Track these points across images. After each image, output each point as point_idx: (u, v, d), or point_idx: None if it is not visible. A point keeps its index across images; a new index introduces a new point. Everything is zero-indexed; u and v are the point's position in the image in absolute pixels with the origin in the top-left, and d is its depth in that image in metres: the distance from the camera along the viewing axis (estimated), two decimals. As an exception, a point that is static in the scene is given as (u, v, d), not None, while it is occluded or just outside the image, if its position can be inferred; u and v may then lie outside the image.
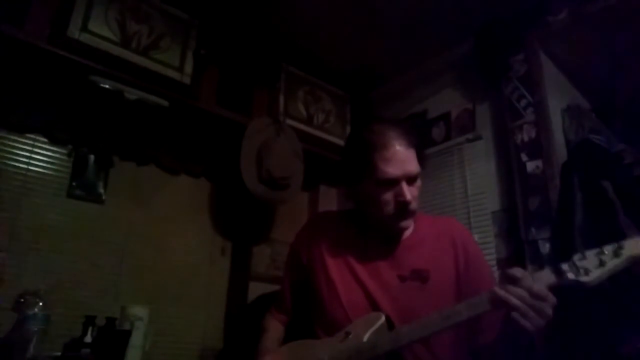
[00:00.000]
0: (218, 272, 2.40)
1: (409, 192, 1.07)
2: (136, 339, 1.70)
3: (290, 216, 2.64)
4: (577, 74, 2.32)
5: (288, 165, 2.32)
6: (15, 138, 1.93)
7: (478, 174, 2.24)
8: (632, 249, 0.84)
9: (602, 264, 0.84)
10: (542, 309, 0.85)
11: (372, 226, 1.18)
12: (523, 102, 2.11)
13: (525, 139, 2.06)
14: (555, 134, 2.06)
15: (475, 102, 2.37)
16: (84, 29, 1.90)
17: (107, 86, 1.95)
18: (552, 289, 0.87)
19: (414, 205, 1.10)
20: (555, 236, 1.82)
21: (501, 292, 0.88)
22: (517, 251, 1.95)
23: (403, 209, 1.09)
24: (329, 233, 1.25)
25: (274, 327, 1.29)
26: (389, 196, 1.08)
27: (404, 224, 1.12)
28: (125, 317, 1.73)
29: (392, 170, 1.07)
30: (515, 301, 0.86)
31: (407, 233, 1.19)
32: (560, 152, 2.03)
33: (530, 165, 2.00)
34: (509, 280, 0.89)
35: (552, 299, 0.86)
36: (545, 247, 1.84)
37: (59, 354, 1.65)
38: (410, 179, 1.09)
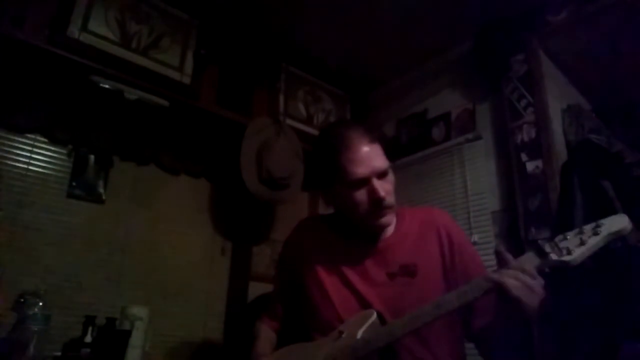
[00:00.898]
0: (218, 272, 2.40)
1: (382, 188, 1.07)
2: (136, 339, 1.70)
3: (290, 216, 2.63)
4: (577, 74, 2.32)
5: (288, 165, 2.32)
6: (15, 138, 1.93)
7: (478, 174, 2.24)
8: (609, 226, 0.87)
9: (582, 242, 0.87)
10: (535, 286, 0.88)
11: (355, 227, 1.18)
12: (523, 102, 2.11)
13: (525, 139, 2.06)
14: (555, 134, 2.06)
15: (475, 102, 2.37)
16: (84, 28, 1.90)
17: (107, 86, 1.95)
18: (539, 271, 0.90)
19: (389, 200, 1.09)
20: (555, 236, 1.82)
21: (495, 276, 0.90)
22: (517, 251, 1.94)
23: (378, 206, 1.08)
24: (316, 238, 1.25)
25: (266, 333, 1.29)
26: (362, 196, 1.08)
27: (383, 220, 1.11)
28: (125, 317, 1.74)
29: (360, 169, 1.07)
30: (510, 281, 0.88)
31: (390, 229, 1.18)
32: (560, 152, 2.03)
33: (530, 165, 2.00)
34: (500, 259, 0.93)
35: (540, 279, 0.89)
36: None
37: (59, 354, 1.65)
38: (380, 175, 1.09)
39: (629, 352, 1.48)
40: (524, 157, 2.04)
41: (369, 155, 1.08)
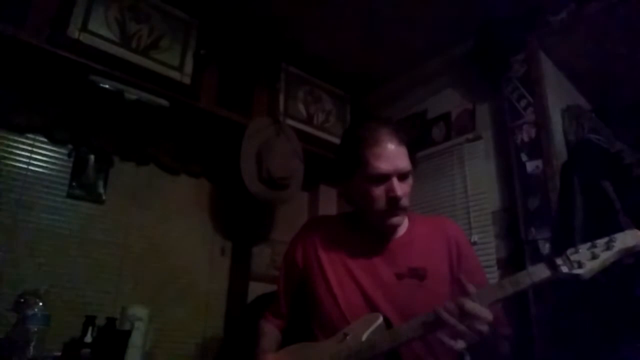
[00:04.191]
0: (218, 272, 2.40)
1: (400, 188, 1.09)
2: (136, 339, 1.70)
3: (290, 216, 2.64)
4: (577, 74, 2.32)
5: (288, 165, 2.32)
6: (15, 138, 1.93)
7: (478, 174, 2.24)
8: (623, 241, 0.86)
9: (594, 256, 0.86)
10: (473, 326, 0.88)
11: (366, 225, 1.19)
12: (523, 102, 2.11)
13: (525, 139, 2.06)
14: (555, 134, 2.06)
15: (475, 102, 2.37)
16: (84, 29, 1.90)
17: (107, 86, 1.95)
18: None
19: (404, 202, 1.11)
20: (555, 236, 1.82)
21: (438, 309, 0.92)
22: (517, 251, 1.95)
23: (394, 205, 1.10)
24: (323, 235, 1.26)
25: (271, 331, 1.28)
26: (380, 192, 1.10)
27: (395, 220, 1.13)
28: (125, 317, 1.74)
29: (384, 165, 1.09)
30: (446, 316, 0.90)
31: (402, 231, 1.20)
32: (560, 152, 2.03)
33: (530, 165, 2.00)
34: (463, 289, 0.93)
35: (486, 316, 0.89)
36: (545, 247, 1.84)
37: (59, 354, 1.65)
38: (401, 176, 1.11)
39: (628, 352, 1.48)
40: (524, 157, 2.04)
41: (395, 154, 1.10)
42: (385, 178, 1.09)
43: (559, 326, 1.67)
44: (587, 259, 0.86)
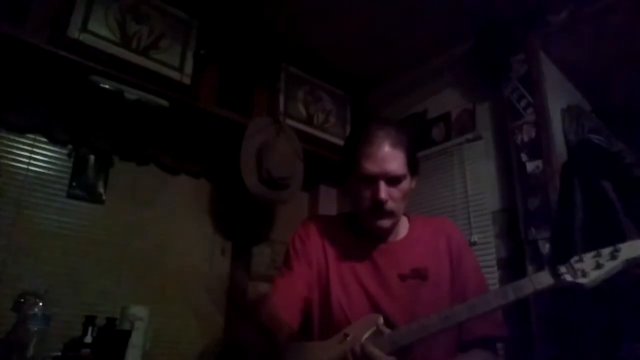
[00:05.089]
0: (218, 272, 2.40)
1: (385, 192, 1.08)
2: (136, 339, 1.70)
3: (290, 216, 2.64)
4: (577, 74, 2.32)
5: (288, 165, 2.32)
6: (15, 138, 1.93)
7: (478, 174, 2.24)
8: (628, 251, 0.86)
9: (599, 266, 0.86)
10: None
11: (363, 225, 1.19)
12: (523, 102, 2.11)
13: (525, 139, 2.06)
14: (555, 134, 2.06)
15: (475, 102, 2.37)
16: (84, 29, 1.90)
17: (107, 86, 1.95)
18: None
19: (390, 206, 1.10)
20: (555, 236, 1.82)
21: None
22: (517, 251, 1.95)
23: (378, 208, 1.09)
24: (327, 234, 1.25)
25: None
26: (367, 193, 1.10)
27: (380, 223, 1.12)
28: (125, 317, 1.74)
29: (370, 166, 1.08)
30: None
31: (403, 232, 1.20)
32: (560, 152, 2.03)
33: (530, 165, 2.00)
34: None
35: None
36: (545, 247, 1.84)
37: (59, 354, 1.65)
38: (391, 179, 1.09)
39: (628, 352, 1.48)
40: (524, 157, 2.04)
41: (385, 157, 1.08)
42: (372, 180, 1.08)
43: (559, 326, 1.67)
44: (591, 268, 0.86)
